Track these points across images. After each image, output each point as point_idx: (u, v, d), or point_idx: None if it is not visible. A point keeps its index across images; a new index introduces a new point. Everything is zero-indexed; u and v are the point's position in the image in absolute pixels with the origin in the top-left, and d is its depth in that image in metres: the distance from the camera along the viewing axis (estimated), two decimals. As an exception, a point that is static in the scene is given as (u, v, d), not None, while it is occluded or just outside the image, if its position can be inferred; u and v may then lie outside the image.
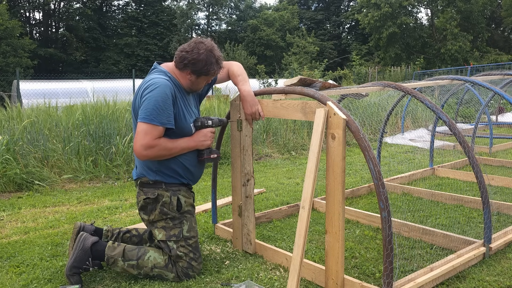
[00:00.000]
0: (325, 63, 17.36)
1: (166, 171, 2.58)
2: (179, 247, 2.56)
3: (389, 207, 2.08)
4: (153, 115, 2.40)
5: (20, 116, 6.18)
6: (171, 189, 2.59)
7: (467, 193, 4.32)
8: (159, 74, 2.56)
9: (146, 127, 2.41)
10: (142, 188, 2.64)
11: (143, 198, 2.61)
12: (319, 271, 2.51)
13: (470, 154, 2.76)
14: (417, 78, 18.70)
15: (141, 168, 2.64)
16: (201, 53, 2.52)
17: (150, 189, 2.60)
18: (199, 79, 2.61)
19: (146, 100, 2.42)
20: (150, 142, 2.41)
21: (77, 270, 2.53)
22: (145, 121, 2.41)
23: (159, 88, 2.43)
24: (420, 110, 9.51)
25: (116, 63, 32.79)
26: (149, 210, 2.61)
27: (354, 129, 2.18)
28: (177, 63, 2.58)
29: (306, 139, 7.61)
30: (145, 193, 2.61)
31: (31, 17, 33.60)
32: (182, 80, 2.61)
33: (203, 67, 2.53)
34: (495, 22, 30.80)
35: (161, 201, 2.57)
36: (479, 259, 2.81)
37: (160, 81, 2.46)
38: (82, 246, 2.56)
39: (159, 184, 2.60)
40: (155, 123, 2.41)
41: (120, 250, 2.57)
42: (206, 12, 37.46)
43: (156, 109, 2.40)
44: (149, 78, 2.53)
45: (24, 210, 4.13)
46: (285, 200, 4.32)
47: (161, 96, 2.42)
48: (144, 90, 2.48)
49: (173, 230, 2.57)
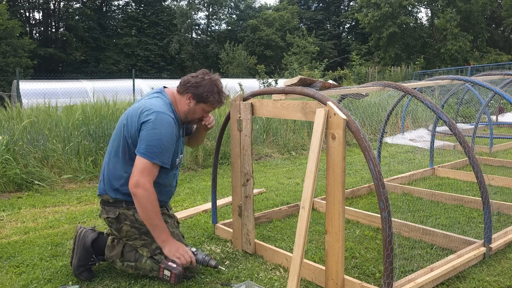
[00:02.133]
0: (325, 63, 17.35)
1: (126, 192, 2.49)
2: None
3: (389, 207, 2.08)
4: (156, 153, 2.38)
5: (20, 116, 6.18)
6: (132, 208, 2.51)
7: (467, 193, 4.32)
8: (164, 104, 2.50)
9: (148, 165, 2.37)
10: (103, 206, 2.60)
11: (105, 217, 2.57)
12: (319, 271, 2.51)
13: (470, 154, 2.76)
14: (417, 78, 18.70)
15: (103, 184, 2.58)
16: (205, 79, 2.54)
17: (111, 208, 2.55)
18: (197, 107, 2.57)
19: (151, 135, 2.38)
20: (147, 184, 2.36)
21: (84, 268, 2.56)
22: (148, 158, 2.37)
23: (167, 127, 2.41)
24: (420, 110, 9.50)
25: (116, 63, 32.78)
26: (116, 230, 2.56)
27: (354, 129, 2.18)
28: (179, 87, 2.58)
29: (306, 139, 7.61)
30: (107, 212, 2.56)
31: (30, 17, 33.60)
32: (181, 106, 2.58)
33: (204, 92, 2.52)
34: (495, 22, 30.79)
35: (126, 219, 2.51)
36: (479, 259, 2.81)
37: (167, 120, 2.42)
38: (83, 245, 2.57)
39: (120, 203, 2.54)
40: (156, 161, 2.39)
41: (119, 251, 2.56)
42: (206, 12, 37.45)
43: (161, 148, 2.39)
44: (155, 106, 2.45)
45: (24, 210, 4.13)
46: (285, 200, 4.31)
47: (168, 136, 2.41)
48: (149, 120, 2.40)
49: (153, 244, 2.52)
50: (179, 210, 4.06)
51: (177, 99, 2.59)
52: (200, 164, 6.07)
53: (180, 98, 2.58)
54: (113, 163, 2.55)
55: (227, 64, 28.08)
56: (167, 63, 34.44)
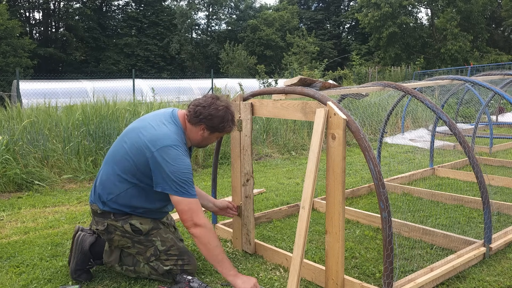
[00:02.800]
0: (325, 63, 17.34)
1: (114, 206, 2.47)
2: (163, 262, 2.49)
3: (389, 207, 2.08)
4: (191, 187, 2.36)
5: (20, 116, 6.18)
6: (120, 219, 2.47)
7: (467, 193, 4.32)
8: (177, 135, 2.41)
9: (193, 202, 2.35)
10: (93, 216, 2.56)
11: (95, 228, 2.54)
12: (319, 271, 2.51)
13: (470, 154, 2.76)
14: (417, 78, 18.70)
15: (94, 194, 2.54)
16: (220, 110, 2.43)
17: (100, 219, 2.51)
18: (212, 136, 2.53)
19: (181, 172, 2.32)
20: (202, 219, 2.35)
21: (82, 271, 2.56)
22: (189, 196, 2.34)
23: (183, 159, 2.35)
24: (420, 110, 9.50)
25: (116, 63, 32.79)
26: (108, 240, 2.54)
27: (354, 129, 2.17)
28: (190, 117, 2.46)
29: (306, 139, 7.61)
30: (96, 223, 2.53)
31: (30, 17, 33.60)
32: (193, 135, 2.51)
33: (220, 123, 2.45)
34: (495, 22, 30.78)
35: (116, 230, 2.48)
36: (479, 259, 2.81)
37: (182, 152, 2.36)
38: (81, 250, 2.57)
39: (108, 215, 2.49)
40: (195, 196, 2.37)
41: (117, 256, 2.56)
42: (206, 12, 37.45)
43: (191, 180, 2.36)
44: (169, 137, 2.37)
45: (24, 210, 4.13)
46: (285, 200, 4.31)
47: (189, 166, 2.38)
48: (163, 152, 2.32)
49: (148, 251, 2.50)
50: (179, 210, 4.06)
51: (188, 127, 2.50)
52: (200, 164, 6.07)
53: (192, 128, 2.48)
54: (107, 174, 2.48)
55: (227, 64, 28.08)
56: (167, 63, 34.45)
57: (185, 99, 12.71)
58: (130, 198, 2.46)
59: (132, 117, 6.17)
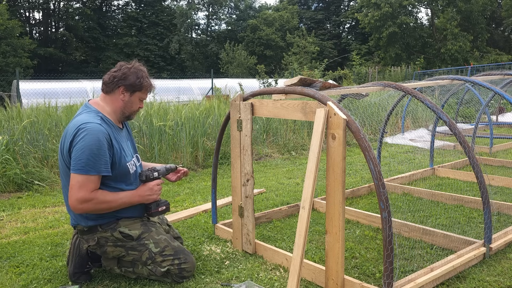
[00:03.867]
0: (325, 63, 17.33)
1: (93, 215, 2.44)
2: (160, 264, 2.48)
3: (389, 207, 2.08)
4: (89, 165, 2.26)
5: (20, 116, 6.18)
6: (109, 228, 2.46)
7: (467, 193, 4.32)
8: (88, 115, 2.40)
9: (81, 179, 2.27)
10: (81, 236, 2.53)
11: (87, 246, 2.51)
12: (319, 271, 2.51)
13: (471, 154, 2.76)
14: (417, 78, 18.70)
15: (73, 216, 2.50)
16: (131, 68, 2.48)
17: (89, 236, 2.48)
18: (133, 97, 2.51)
19: (79, 149, 2.27)
20: (86, 195, 2.27)
21: (80, 273, 2.57)
22: (79, 172, 2.26)
23: (91, 134, 2.28)
24: (420, 110, 9.50)
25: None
26: (102, 253, 2.52)
27: (355, 129, 2.17)
28: (106, 87, 2.47)
29: (306, 139, 7.61)
30: (86, 240, 2.50)
31: (30, 17, 33.61)
32: (114, 105, 2.49)
33: (136, 79, 2.47)
34: (495, 22, 30.79)
35: (108, 241, 2.47)
36: (480, 259, 2.81)
37: (91, 127, 2.31)
38: (78, 253, 2.57)
39: (95, 228, 2.46)
40: (91, 173, 2.28)
41: (115, 261, 2.56)
42: (206, 12, 37.46)
43: (91, 158, 2.27)
44: (79, 121, 2.35)
45: (24, 210, 4.13)
46: (285, 200, 4.31)
47: (95, 143, 2.28)
48: (74, 136, 2.31)
49: (143, 256, 2.48)
50: (179, 210, 4.06)
51: (106, 101, 2.49)
52: (200, 164, 6.07)
53: (110, 97, 2.48)
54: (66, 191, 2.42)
55: (227, 64, 28.09)
56: (167, 63, 34.45)
57: (185, 99, 12.72)
58: None
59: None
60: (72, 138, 2.32)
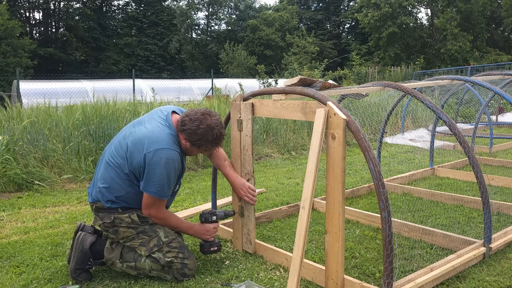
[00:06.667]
0: (325, 63, 17.33)
1: (122, 204, 2.58)
2: (165, 254, 2.53)
3: (389, 207, 2.08)
4: (163, 191, 2.49)
5: (20, 116, 6.17)
6: (128, 211, 2.57)
7: (467, 193, 4.32)
8: (171, 138, 2.51)
9: (156, 201, 2.53)
10: (97, 213, 2.61)
11: (100, 223, 2.58)
12: (319, 271, 2.51)
13: (470, 154, 2.76)
14: (417, 78, 18.70)
15: (96, 193, 2.60)
16: (200, 128, 2.50)
17: (106, 213, 2.57)
18: (193, 148, 2.59)
19: (158, 174, 2.43)
20: (158, 214, 2.58)
21: (81, 271, 2.58)
22: (156, 196, 2.49)
23: (172, 164, 2.46)
24: (420, 110, 9.50)
25: (116, 63, 32.80)
26: (113, 232, 2.57)
27: (354, 129, 2.18)
28: (179, 124, 2.56)
29: (306, 139, 7.61)
30: (101, 218, 2.57)
31: (30, 17, 33.61)
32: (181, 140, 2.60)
33: (197, 140, 2.53)
34: (495, 22, 30.79)
35: (122, 222, 2.54)
36: (479, 259, 2.81)
37: (173, 156, 2.46)
38: (81, 249, 2.58)
39: (115, 210, 2.58)
40: (163, 198, 2.53)
41: (118, 253, 2.57)
42: (206, 12, 37.46)
43: (166, 185, 2.49)
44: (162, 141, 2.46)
45: (24, 210, 4.13)
46: (285, 200, 4.32)
47: (173, 172, 2.49)
48: (154, 154, 2.42)
49: (151, 242, 2.55)
50: (179, 210, 4.07)
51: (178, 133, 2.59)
52: (200, 164, 6.07)
53: (179, 134, 2.58)
54: (111, 176, 2.55)
55: (227, 64, 28.09)
56: (167, 63, 34.46)
57: (185, 99, 12.73)
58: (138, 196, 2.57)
59: (132, 117, 6.17)
60: (151, 155, 2.43)
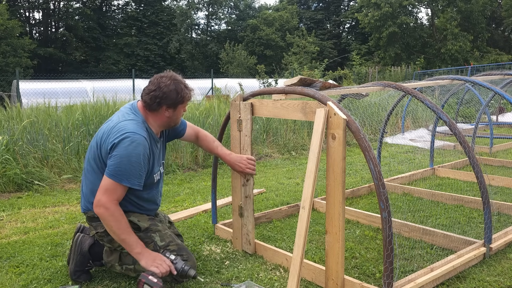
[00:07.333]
0: (325, 63, 17.32)
1: None
2: None
3: (389, 207, 2.08)
4: (123, 175, 2.32)
5: (20, 116, 6.17)
6: None
7: (467, 193, 4.32)
8: (137, 125, 2.42)
9: (110, 184, 2.32)
10: (90, 223, 2.56)
11: (94, 233, 2.54)
12: (319, 271, 2.51)
13: (471, 154, 2.76)
14: (417, 78, 18.70)
15: (85, 202, 2.54)
16: (169, 84, 2.43)
17: (98, 223, 2.49)
18: (177, 111, 2.53)
19: (119, 157, 2.31)
20: (107, 202, 2.32)
21: (81, 272, 2.57)
22: (112, 178, 2.32)
23: (135, 147, 2.33)
24: (421, 110, 9.49)
25: (116, 63, 32.80)
26: (108, 242, 2.52)
27: (355, 129, 2.17)
28: (149, 106, 2.46)
29: (306, 139, 7.61)
30: (95, 227, 2.52)
31: (30, 17, 33.61)
32: (159, 120, 2.52)
33: (177, 96, 2.46)
34: (495, 22, 30.80)
35: None
36: (480, 259, 2.81)
37: (138, 139, 2.35)
38: (80, 251, 2.57)
39: None
40: (123, 182, 2.33)
41: (116, 256, 2.56)
42: (206, 11, 37.47)
43: (128, 169, 2.32)
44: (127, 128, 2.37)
45: (23, 210, 4.13)
46: (285, 200, 4.31)
47: (136, 155, 2.33)
48: (120, 141, 2.33)
49: (148, 247, 2.48)
50: (179, 210, 4.06)
51: (150, 116, 2.51)
52: (200, 164, 6.07)
53: (155, 114, 2.49)
54: (92, 180, 2.49)
55: (227, 64, 28.08)
56: (167, 63, 34.46)
57: (185, 99, 12.68)
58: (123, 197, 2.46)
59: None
60: (117, 142, 2.34)
